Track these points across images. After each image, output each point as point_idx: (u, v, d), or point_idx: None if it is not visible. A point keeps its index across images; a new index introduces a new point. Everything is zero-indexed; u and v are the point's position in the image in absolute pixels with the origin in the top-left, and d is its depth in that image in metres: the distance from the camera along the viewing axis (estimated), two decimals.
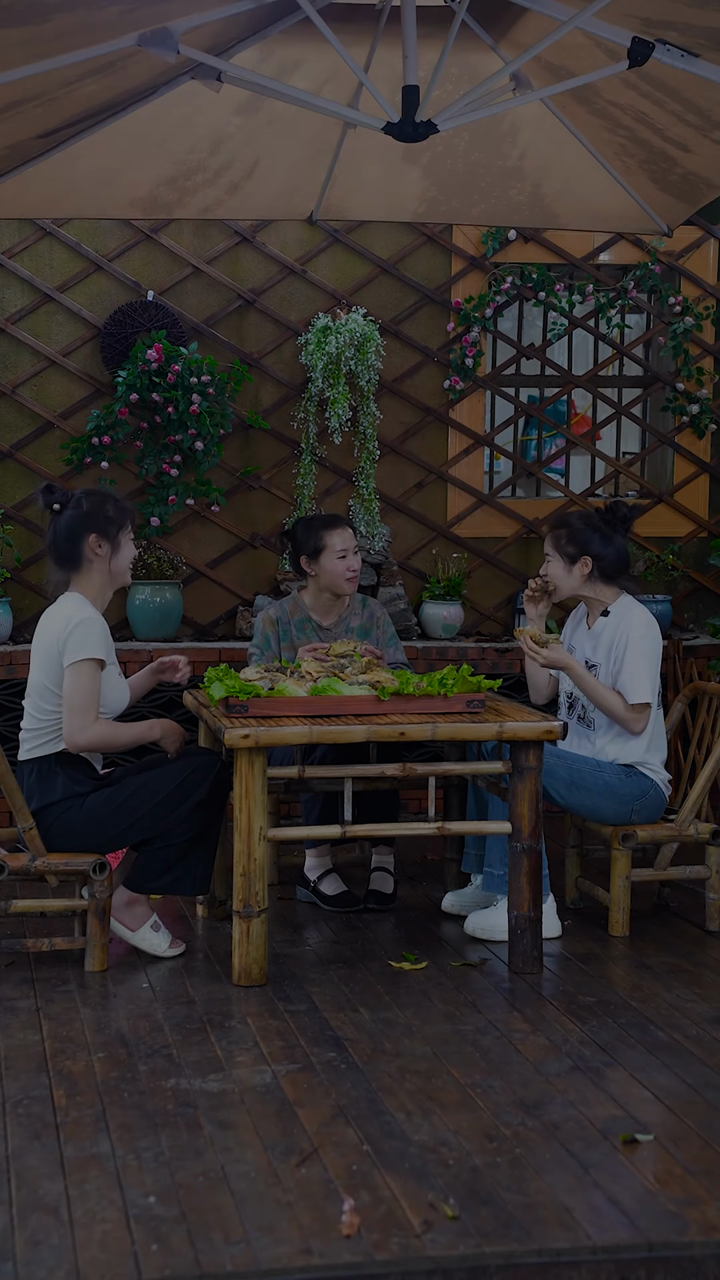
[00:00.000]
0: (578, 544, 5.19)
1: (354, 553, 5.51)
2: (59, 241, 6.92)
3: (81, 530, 4.73)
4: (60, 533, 4.75)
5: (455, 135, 5.46)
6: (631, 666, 5.05)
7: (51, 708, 4.69)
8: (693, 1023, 4.28)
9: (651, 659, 5.08)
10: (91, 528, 4.73)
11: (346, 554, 5.48)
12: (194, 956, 4.87)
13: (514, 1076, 3.86)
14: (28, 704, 4.75)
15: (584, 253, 7.34)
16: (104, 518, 4.74)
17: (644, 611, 5.16)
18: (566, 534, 5.21)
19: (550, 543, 5.24)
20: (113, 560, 4.77)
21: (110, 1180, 3.25)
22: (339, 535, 5.48)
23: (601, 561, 5.19)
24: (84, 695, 4.61)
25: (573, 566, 5.20)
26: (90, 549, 4.74)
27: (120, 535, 4.78)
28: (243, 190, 5.75)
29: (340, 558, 5.48)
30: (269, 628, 5.56)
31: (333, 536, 5.48)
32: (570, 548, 5.20)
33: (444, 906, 5.39)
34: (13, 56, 4.11)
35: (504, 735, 4.62)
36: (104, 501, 4.79)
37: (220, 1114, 3.61)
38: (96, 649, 4.62)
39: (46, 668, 4.68)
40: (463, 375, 7.23)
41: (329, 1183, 3.24)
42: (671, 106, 4.92)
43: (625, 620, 5.13)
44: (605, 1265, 2.99)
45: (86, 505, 4.76)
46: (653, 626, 5.13)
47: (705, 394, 7.40)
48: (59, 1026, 4.20)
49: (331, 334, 6.86)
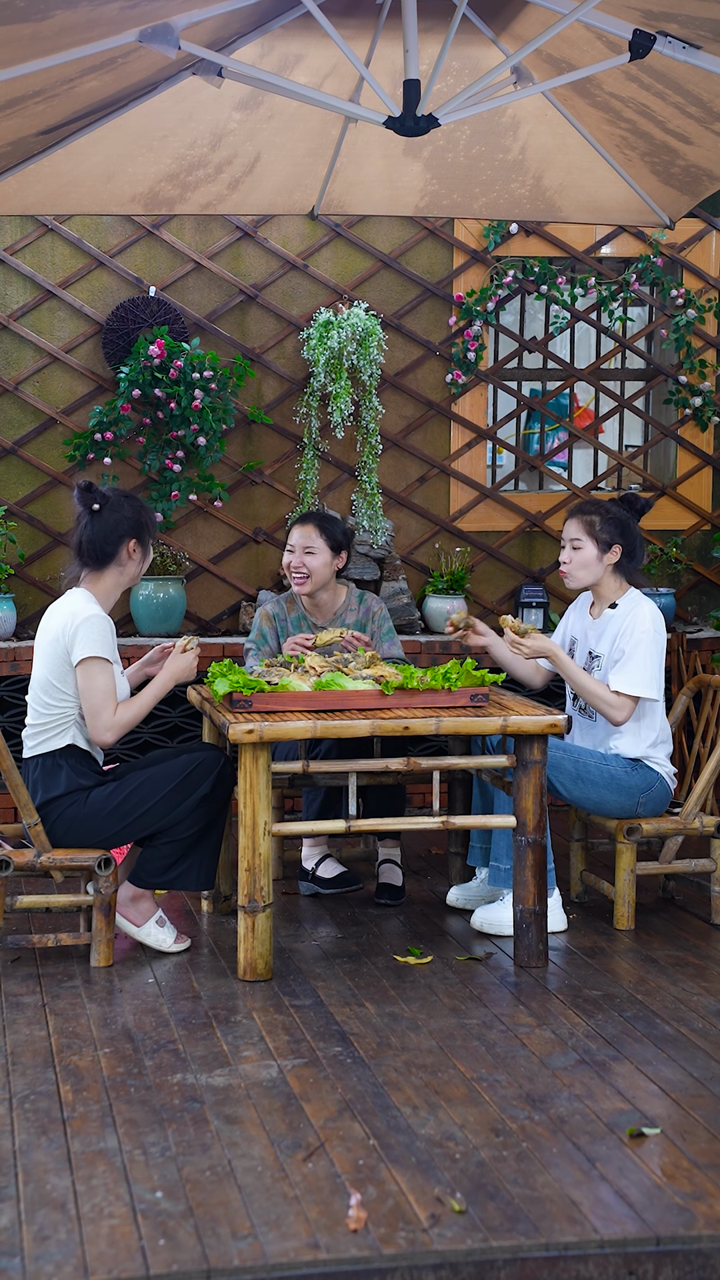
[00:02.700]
0: (611, 531, 5.13)
1: (306, 552, 5.43)
2: (61, 238, 6.92)
3: (123, 534, 4.77)
4: (98, 533, 4.76)
5: (456, 129, 5.45)
6: (635, 659, 5.04)
7: (54, 702, 4.69)
8: (699, 1016, 4.28)
9: (656, 655, 5.07)
10: (133, 533, 4.78)
11: (295, 550, 5.45)
12: (199, 952, 4.87)
13: (520, 1071, 3.87)
14: (31, 699, 4.76)
15: (586, 246, 7.33)
16: (143, 524, 4.82)
17: (652, 607, 5.14)
18: (601, 520, 5.14)
19: (582, 528, 5.14)
20: (139, 565, 4.83)
21: (117, 1175, 3.26)
22: (295, 532, 5.48)
23: (628, 552, 5.17)
24: (100, 693, 4.63)
25: (605, 554, 5.16)
26: (126, 552, 4.78)
27: (151, 542, 4.86)
28: (244, 185, 5.75)
29: (289, 552, 5.47)
30: (265, 623, 5.56)
31: (292, 532, 5.49)
32: (604, 534, 5.13)
33: (449, 901, 5.39)
34: (14, 53, 4.11)
35: (508, 729, 4.62)
36: (142, 508, 4.86)
37: (226, 1109, 3.61)
38: (104, 648, 4.64)
39: (51, 662, 4.69)
40: (465, 369, 7.22)
41: (336, 1177, 3.25)
42: (673, 99, 4.91)
43: (634, 614, 5.11)
44: (613, 1259, 2.99)
45: (128, 510, 4.80)
46: (659, 622, 5.12)
47: (708, 386, 7.39)
48: (65, 1022, 4.21)
49: (333, 328, 6.86)
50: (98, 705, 4.65)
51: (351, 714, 4.67)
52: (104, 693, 4.64)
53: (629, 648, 5.05)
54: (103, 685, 4.64)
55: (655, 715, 5.13)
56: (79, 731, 4.71)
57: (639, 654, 5.03)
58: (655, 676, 5.05)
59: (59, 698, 4.69)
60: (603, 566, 5.16)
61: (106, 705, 4.65)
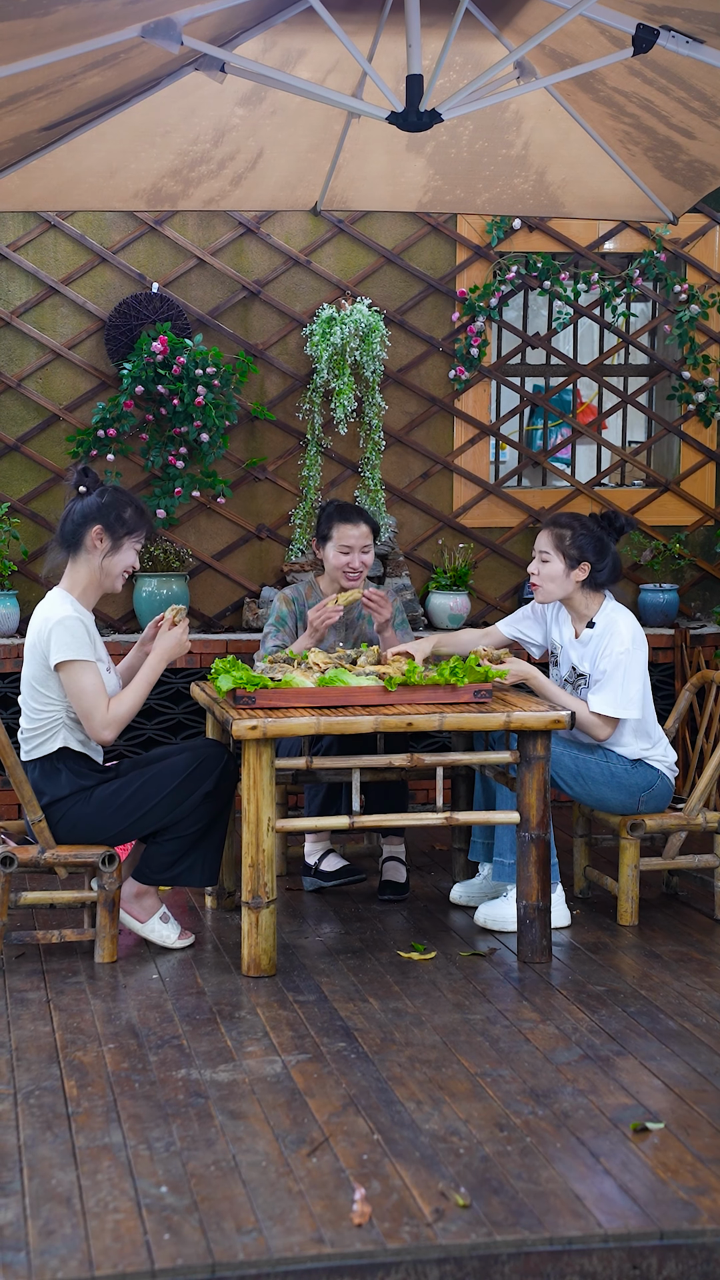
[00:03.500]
0: (580, 548, 5.09)
1: (361, 551, 5.44)
2: (63, 234, 6.92)
3: (91, 518, 4.72)
4: (73, 514, 4.76)
5: (459, 124, 5.45)
6: (613, 680, 5.01)
7: (41, 706, 4.68)
8: (702, 1011, 4.28)
9: (636, 671, 5.03)
10: (100, 519, 4.72)
11: (351, 551, 5.43)
12: (203, 947, 4.88)
13: (524, 1066, 3.87)
14: (22, 701, 4.75)
15: (589, 241, 7.33)
16: (116, 516, 4.73)
17: (629, 619, 5.09)
18: (571, 536, 5.10)
19: (551, 541, 5.12)
20: (106, 559, 4.74)
21: (122, 1170, 3.26)
22: (349, 530, 5.43)
23: (598, 572, 5.13)
24: (88, 695, 4.61)
25: (572, 571, 5.13)
26: (91, 539, 4.72)
27: (125, 539, 4.75)
28: (247, 181, 5.74)
29: (343, 553, 5.44)
30: (285, 605, 5.53)
31: (343, 529, 5.44)
32: (573, 550, 5.09)
33: (452, 897, 5.39)
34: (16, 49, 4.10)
35: (511, 725, 4.62)
36: (125, 503, 4.77)
37: (231, 1104, 3.61)
38: (80, 650, 4.61)
39: (33, 666, 4.69)
40: (468, 365, 7.22)
41: (340, 1172, 3.25)
42: (676, 93, 4.91)
43: (612, 632, 5.08)
44: (616, 1253, 3.00)
45: (107, 498, 4.75)
46: (638, 635, 5.08)
47: (711, 382, 7.39)
48: (69, 1018, 4.21)
49: (336, 325, 6.85)
50: (88, 707, 4.62)
51: (355, 710, 4.67)
52: (92, 693, 4.62)
53: (609, 667, 5.03)
54: (89, 686, 4.62)
55: (644, 723, 5.11)
56: (69, 734, 4.69)
57: (617, 675, 5.01)
58: (635, 695, 5.02)
59: (45, 702, 4.68)
60: (571, 582, 5.13)
61: (97, 705, 4.63)
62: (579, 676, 5.16)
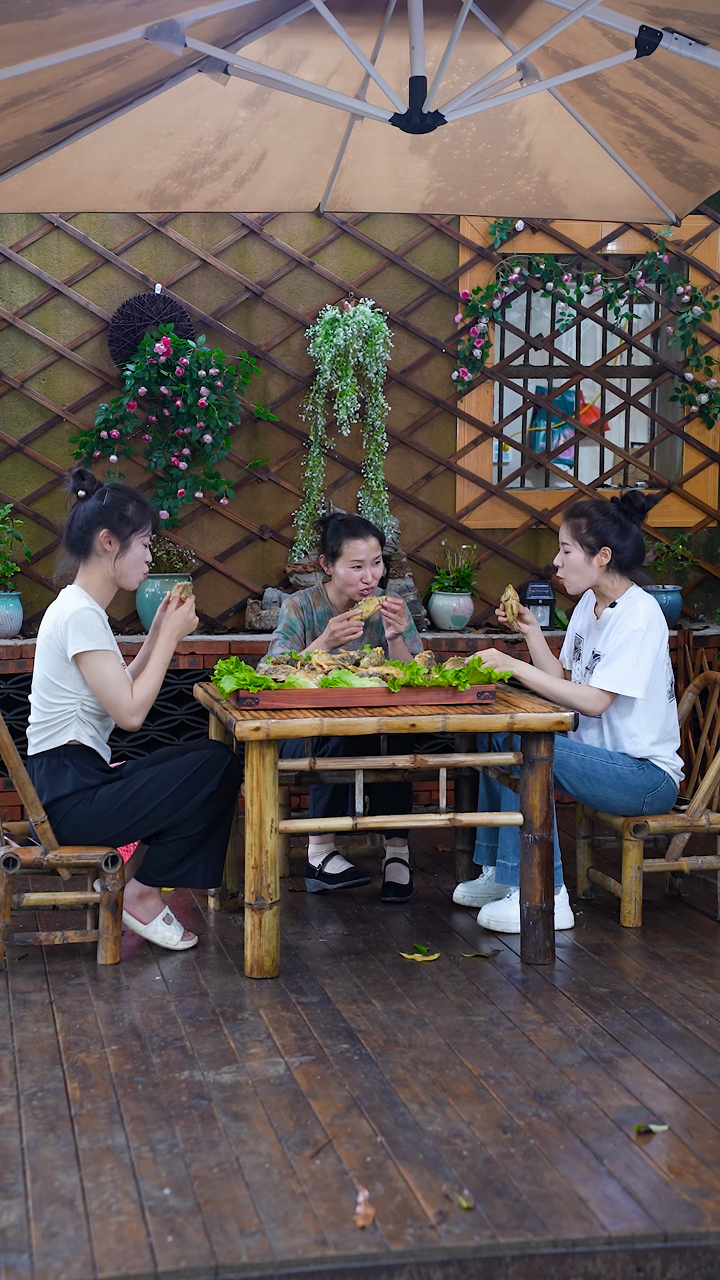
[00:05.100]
0: (598, 534, 5.12)
1: (373, 563, 5.43)
2: (66, 235, 6.92)
3: (96, 523, 4.73)
4: (77, 520, 4.76)
5: (462, 126, 5.45)
6: (619, 657, 5.01)
7: (54, 699, 4.69)
8: (706, 1013, 4.28)
9: (648, 652, 5.03)
10: (105, 522, 4.72)
11: (363, 565, 5.42)
12: (206, 949, 4.88)
13: (527, 1067, 3.87)
14: (33, 698, 4.76)
15: (592, 243, 7.33)
16: (120, 515, 4.73)
17: (650, 603, 5.11)
18: (587, 524, 5.13)
19: (569, 532, 5.16)
20: (118, 559, 4.76)
21: (125, 1172, 3.26)
22: (358, 545, 5.42)
23: (620, 553, 5.15)
24: (112, 684, 4.63)
25: (593, 557, 5.15)
26: (100, 543, 4.73)
27: (132, 537, 4.76)
28: (250, 183, 5.75)
29: (355, 567, 5.44)
30: (294, 613, 5.52)
31: (354, 545, 5.42)
32: (591, 538, 5.12)
33: (456, 898, 5.39)
34: (20, 50, 4.11)
35: (515, 726, 4.62)
36: (126, 500, 4.77)
37: (234, 1106, 3.61)
38: (98, 639, 4.62)
39: (48, 661, 4.70)
40: (471, 366, 7.22)
41: (343, 1174, 3.25)
42: (679, 95, 4.91)
43: (629, 612, 5.09)
44: (620, 1256, 2.99)
45: (108, 499, 4.75)
46: (656, 619, 5.09)
47: (714, 383, 7.39)
48: (72, 1019, 4.21)
49: (339, 326, 6.85)
50: (114, 695, 4.64)
51: (358, 711, 4.67)
52: (116, 681, 4.64)
53: (618, 643, 5.04)
54: (111, 674, 4.64)
55: (658, 711, 5.10)
56: (81, 727, 4.70)
57: (628, 650, 5.01)
58: (642, 674, 5.02)
59: (59, 695, 4.69)
60: (595, 569, 5.15)
61: (122, 692, 4.64)
62: (596, 658, 5.16)
